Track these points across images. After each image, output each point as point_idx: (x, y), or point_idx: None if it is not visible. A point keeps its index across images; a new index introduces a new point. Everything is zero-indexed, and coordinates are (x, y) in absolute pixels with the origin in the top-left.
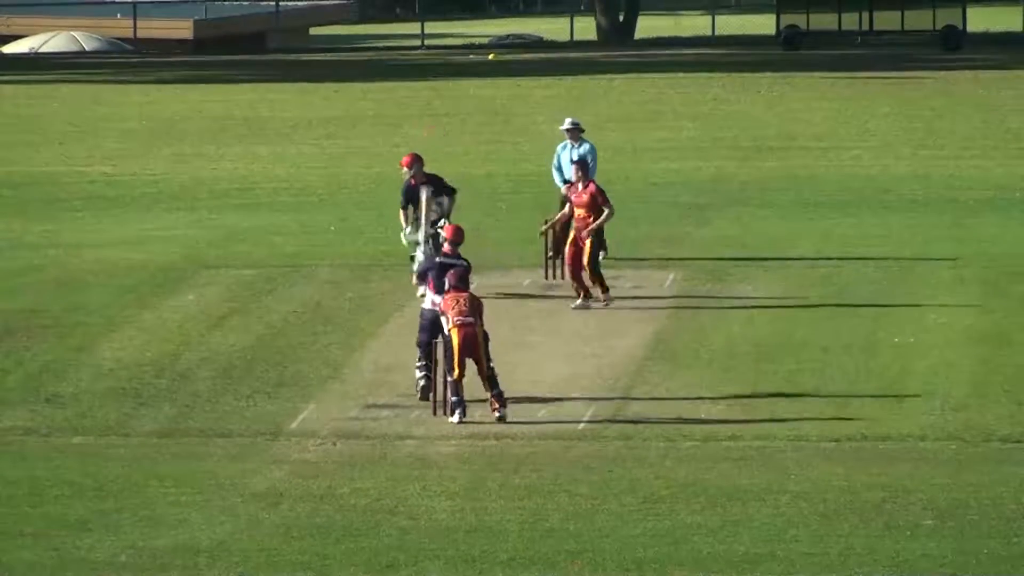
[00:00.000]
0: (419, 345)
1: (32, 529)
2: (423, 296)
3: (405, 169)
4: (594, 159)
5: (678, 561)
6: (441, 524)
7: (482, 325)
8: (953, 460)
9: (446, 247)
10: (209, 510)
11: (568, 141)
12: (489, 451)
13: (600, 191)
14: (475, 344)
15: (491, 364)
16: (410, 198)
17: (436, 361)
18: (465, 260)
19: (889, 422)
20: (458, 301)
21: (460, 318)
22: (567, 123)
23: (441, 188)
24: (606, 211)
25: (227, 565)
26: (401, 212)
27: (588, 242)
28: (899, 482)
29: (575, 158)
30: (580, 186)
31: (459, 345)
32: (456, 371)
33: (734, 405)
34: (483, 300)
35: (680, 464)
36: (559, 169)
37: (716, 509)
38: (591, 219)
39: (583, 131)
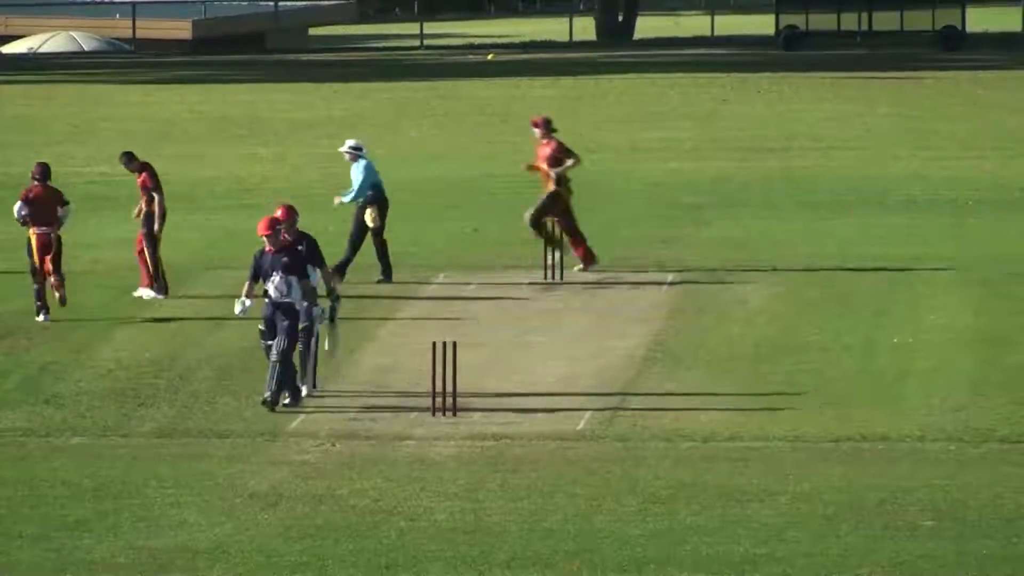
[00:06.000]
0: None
1: (31, 530)
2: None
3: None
4: (364, 176)
5: (677, 562)
6: (440, 525)
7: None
8: (952, 460)
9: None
10: (208, 511)
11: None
12: (488, 452)
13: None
14: (50, 248)
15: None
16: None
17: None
18: None
19: (888, 422)
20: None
21: (42, 227)
22: (346, 145)
23: (304, 261)
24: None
25: (226, 566)
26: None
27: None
28: (898, 483)
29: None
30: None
31: (36, 248)
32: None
33: (734, 406)
34: (482, 301)
35: (679, 464)
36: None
37: (715, 510)
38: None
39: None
